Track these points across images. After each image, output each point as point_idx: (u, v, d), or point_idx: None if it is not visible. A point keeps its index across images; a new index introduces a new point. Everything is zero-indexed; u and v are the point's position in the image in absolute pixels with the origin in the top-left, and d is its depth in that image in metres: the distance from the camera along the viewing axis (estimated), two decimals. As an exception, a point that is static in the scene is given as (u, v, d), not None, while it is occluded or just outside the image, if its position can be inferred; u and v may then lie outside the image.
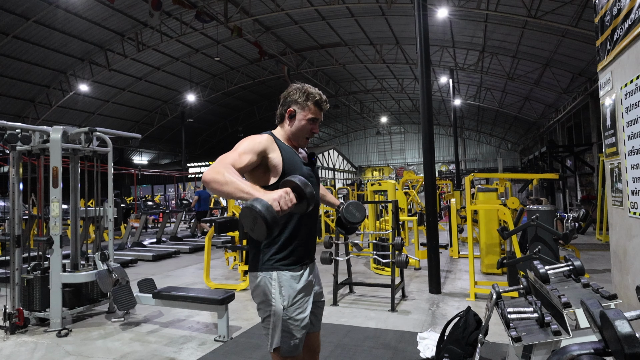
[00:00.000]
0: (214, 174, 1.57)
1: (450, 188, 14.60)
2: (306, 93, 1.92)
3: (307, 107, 1.92)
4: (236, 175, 1.58)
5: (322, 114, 1.98)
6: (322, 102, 1.95)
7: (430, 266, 5.43)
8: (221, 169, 1.58)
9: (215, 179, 1.56)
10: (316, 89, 1.96)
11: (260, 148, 1.78)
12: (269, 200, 1.43)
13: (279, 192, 1.49)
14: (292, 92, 1.94)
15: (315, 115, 1.93)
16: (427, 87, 5.69)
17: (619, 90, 2.74)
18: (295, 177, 1.58)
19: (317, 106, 1.93)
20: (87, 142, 4.61)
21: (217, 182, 1.56)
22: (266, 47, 17.36)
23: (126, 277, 4.50)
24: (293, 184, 1.56)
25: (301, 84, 1.97)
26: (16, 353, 3.69)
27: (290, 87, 1.97)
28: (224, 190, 1.56)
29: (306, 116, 1.91)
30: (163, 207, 15.26)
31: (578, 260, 1.96)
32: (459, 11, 13.37)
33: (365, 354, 3.47)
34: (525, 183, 11.36)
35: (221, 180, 1.55)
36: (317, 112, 1.94)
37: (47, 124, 13.98)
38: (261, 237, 1.46)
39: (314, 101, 1.92)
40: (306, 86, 1.95)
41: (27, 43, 15.06)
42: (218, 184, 1.55)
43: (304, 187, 1.55)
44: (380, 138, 36.56)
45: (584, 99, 15.91)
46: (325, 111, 1.99)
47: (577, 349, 1.12)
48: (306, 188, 1.55)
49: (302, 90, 1.93)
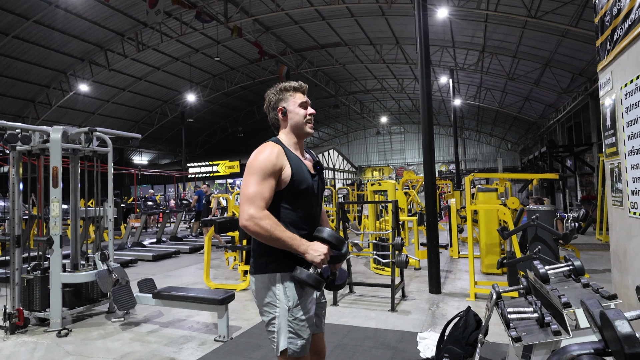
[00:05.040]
0: (256, 228, 1.72)
1: (450, 188, 14.61)
2: (281, 89, 1.98)
3: (290, 96, 1.97)
4: (275, 225, 1.73)
5: (306, 96, 2.01)
6: (299, 86, 1.99)
7: (430, 266, 5.43)
8: (259, 221, 1.72)
9: (258, 233, 1.74)
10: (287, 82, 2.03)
11: (275, 168, 1.82)
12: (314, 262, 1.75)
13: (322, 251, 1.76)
14: (270, 97, 2.00)
15: (302, 100, 1.97)
16: (427, 87, 5.69)
17: (619, 90, 2.74)
18: (329, 233, 1.82)
19: (297, 91, 1.98)
20: (87, 142, 4.61)
21: (261, 237, 1.75)
22: (266, 47, 17.35)
23: (126, 277, 4.50)
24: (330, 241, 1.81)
25: (273, 87, 2.03)
26: (16, 353, 3.69)
27: (265, 96, 2.03)
28: (270, 243, 1.76)
29: (295, 103, 1.96)
30: (163, 207, 15.25)
31: (578, 260, 1.96)
32: (459, 11, 13.36)
33: (365, 354, 3.47)
34: (525, 183, 11.35)
35: (265, 236, 1.73)
36: (301, 95, 1.99)
37: (47, 124, 13.99)
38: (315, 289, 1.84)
39: (292, 88, 1.98)
40: (279, 85, 2.01)
41: (27, 43, 15.05)
42: (263, 239, 1.75)
43: (338, 243, 1.83)
44: (380, 138, 36.54)
45: (584, 99, 15.90)
46: (307, 91, 2.04)
47: (577, 349, 1.12)
48: (340, 244, 1.84)
49: (276, 89, 1.99)
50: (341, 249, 1.85)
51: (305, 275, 1.71)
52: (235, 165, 25.75)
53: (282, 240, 1.72)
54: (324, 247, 1.77)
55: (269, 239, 1.73)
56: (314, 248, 1.76)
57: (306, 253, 1.74)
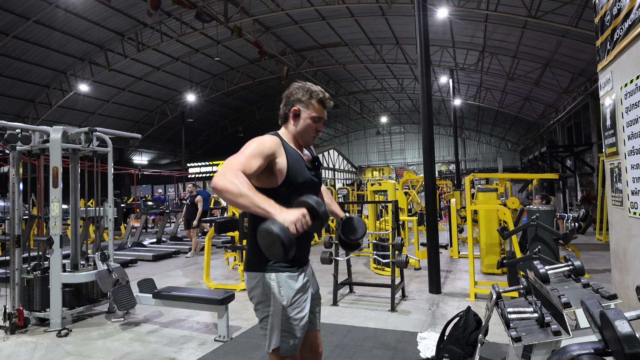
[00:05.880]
0: (226, 182, 1.53)
1: (450, 188, 14.61)
2: (309, 91, 1.88)
3: (311, 105, 1.87)
4: (248, 185, 1.55)
5: (325, 112, 1.93)
6: (326, 100, 1.91)
7: (430, 266, 5.43)
8: (232, 178, 1.54)
9: (227, 188, 1.53)
10: (319, 87, 1.92)
11: (269, 152, 1.75)
12: (286, 222, 1.44)
13: (296, 214, 1.48)
14: (294, 91, 1.89)
15: (319, 114, 1.89)
16: (427, 87, 5.69)
17: (619, 90, 2.74)
18: (309, 198, 1.58)
19: (320, 104, 1.89)
20: (87, 142, 4.61)
21: (230, 193, 1.53)
22: (266, 47, 17.35)
23: (126, 277, 4.50)
24: (308, 205, 1.56)
25: (303, 83, 1.92)
26: (16, 353, 3.69)
27: (292, 85, 1.93)
28: (238, 202, 1.53)
29: (310, 114, 1.88)
30: (163, 207, 15.26)
31: (578, 260, 1.96)
32: (459, 11, 13.36)
33: (365, 354, 3.47)
34: (525, 183, 11.35)
35: (235, 191, 1.52)
36: (321, 110, 1.90)
37: (47, 124, 14.00)
38: (277, 258, 1.49)
39: (318, 99, 1.88)
40: (308, 84, 1.91)
41: (27, 43, 15.05)
42: (231, 195, 1.53)
43: (318, 207, 1.56)
44: (380, 138, 36.54)
45: (584, 99, 15.90)
46: (329, 109, 1.96)
47: (577, 349, 1.12)
48: (320, 208, 1.56)
49: (304, 88, 1.89)
50: (319, 210, 1.57)
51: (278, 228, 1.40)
52: (235, 165, 25.70)
53: (251, 198, 1.51)
54: (299, 210, 1.52)
55: (237, 195, 1.51)
56: (287, 212, 1.50)
57: (277, 215, 1.49)
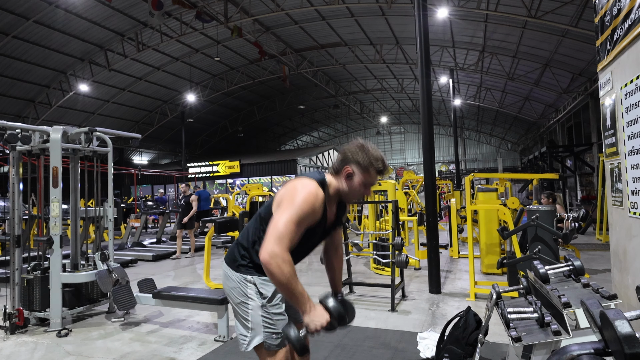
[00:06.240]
0: (274, 267, 1.58)
1: (450, 188, 14.61)
2: (371, 157, 1.81)
3: (368, 172, 1.82)
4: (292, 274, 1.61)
5: (377, 179, 1.89)
6: (384, 170, 1.85)
7: (430, 266, 5.43)
8: (281, 263, 1.58)
9: (274, 273, 1.59)
10: (379, 153, 1.85)
11: (313, 217, 1.75)
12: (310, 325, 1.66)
13: (321, 321, 1.65)
14: (355, 151, 1.83)
15: (370, 181, 1.85)
16: (427, 87, 5.69)
17: (619, 90, 2.74)
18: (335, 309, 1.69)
19: (378, 173, 1.85)
20: (87, 142, 4.61)
21: (275, 278, 1.60)
22: (266, 47, 17.35)
23: (126, 277, 4.50)
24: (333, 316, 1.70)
25: (365, 142, 1.86)
26: (16, 353, 3.69)
27: (352, 142, 1.87)
28: (278, 286, 1.65)
29: (364, 180, 1.83)
30: (163, 207, 15.26)
31: (578, 260, 1.96)
32: (459, 11, 13.36)
33: (365, 353, 3.47)
34: (525, 183, 11.36)
35: (280, 279, 1.59)
36: (374, 177, 1.85)
37: (47, 124, 13.98)
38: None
39: (377, 169, 1.83)
40: (370, 148, 1.84)
41: (27, 43, 15.06)
42: (276, 280, 1.61)
43: (341, 322, 1.71)
44: (380, 138, 36.53)
45: (584, 99, 15.90)
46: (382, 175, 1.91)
47: (577, 349, 1.12)
48: (343, 322, 1.72)
49: (367, 152, 1.82)
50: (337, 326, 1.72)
51: (294, 337, 1.61)
52: (235, 165, 25.73)
53: (292, 292, 1.63)
54: (325, 316, 1.67)
55: (281, 284, 1.62)
56: (315, 314, 1.66)
57: (305, 314, 1.67)
